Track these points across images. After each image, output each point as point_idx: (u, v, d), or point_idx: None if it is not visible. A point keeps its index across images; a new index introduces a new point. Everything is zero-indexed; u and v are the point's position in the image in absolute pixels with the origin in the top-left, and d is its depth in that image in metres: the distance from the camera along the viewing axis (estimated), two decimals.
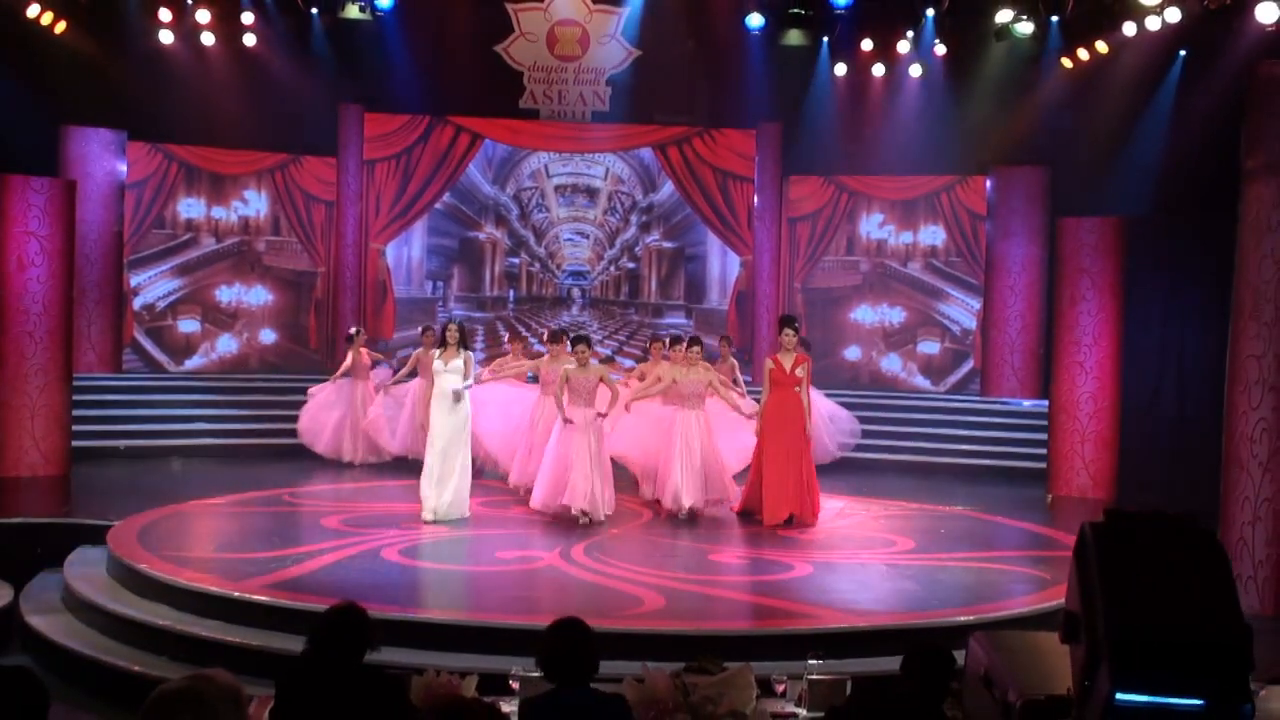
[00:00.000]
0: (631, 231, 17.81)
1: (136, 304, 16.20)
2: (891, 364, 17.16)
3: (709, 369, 11.42)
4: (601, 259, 17.82)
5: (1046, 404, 14.02)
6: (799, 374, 10.78)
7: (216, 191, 16.67)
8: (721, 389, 11.30)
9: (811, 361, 11.33)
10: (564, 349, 11.52)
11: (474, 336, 16.93)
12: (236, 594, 7.95)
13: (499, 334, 17.40)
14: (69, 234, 12.95)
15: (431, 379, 11.08)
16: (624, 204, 17.80)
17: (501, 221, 17.60)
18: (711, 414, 11.29)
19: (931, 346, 17.01)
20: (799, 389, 10.78)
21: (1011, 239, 16.24)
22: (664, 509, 11.08)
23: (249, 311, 16.78)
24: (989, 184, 16.57)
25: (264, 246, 16.87)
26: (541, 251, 17.74)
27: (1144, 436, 12.71)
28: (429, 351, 13.43)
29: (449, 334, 10.76)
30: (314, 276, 17.06)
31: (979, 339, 16.60)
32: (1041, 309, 15.79)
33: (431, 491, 10.43)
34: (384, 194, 17.07)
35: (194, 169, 16.52)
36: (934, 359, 17.00)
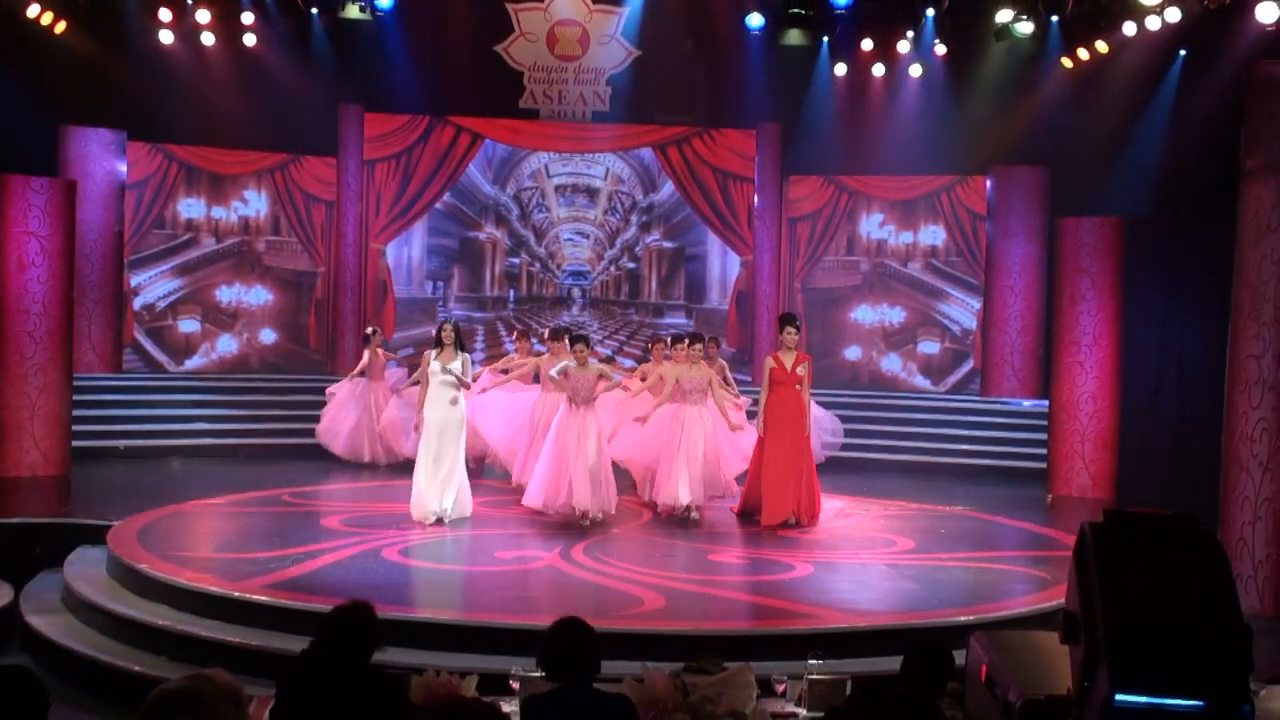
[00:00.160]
0: (631, 231, 17.81)
1: (136, 304, 16.20)
2: (891, 364, 17.16)
3: (715, 370, 11.31)
4: (602, 259, 17.82)
5: (1046, 404, 14.02)
6: (800, 373, 10.77)
7: (216, 191, 16.67)
8: (718, 390, 11.20)
9: (812, 360, 11.31)
10: (564, 347, 11.51)
11: (474, 337, 16.94)
12: (236, 594, 7.95)
13: (499, 334, 17.40)
14: (69, 234, 12.96)
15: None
16: (624, 204, 17.79)
17: (502, 221, 17.59)
18: (714, 412, 11.17)
19: (931, 346, 17.01)
20: (800, 388, 10.76)
21: (1011, 239, 16.24)
22: (662, 507, 10.89)
23: (249, 311, 16.77)
24: (989, 184, 16.57)
25: (264, 246, 16.87)
26: (542, 251, 17.73)
27: (1144, 436, 12.71)
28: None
29: (444, 334, 10.66)
30: (314, 276, 17.06)
31: (979, 339, 16.60)
32: (1041, 309, 15.78)
33: (434, 495, 10.32)
34: (384, 194, 17.06)
35: (194, 169, 16.52)
36: (934, 359, 17.00)
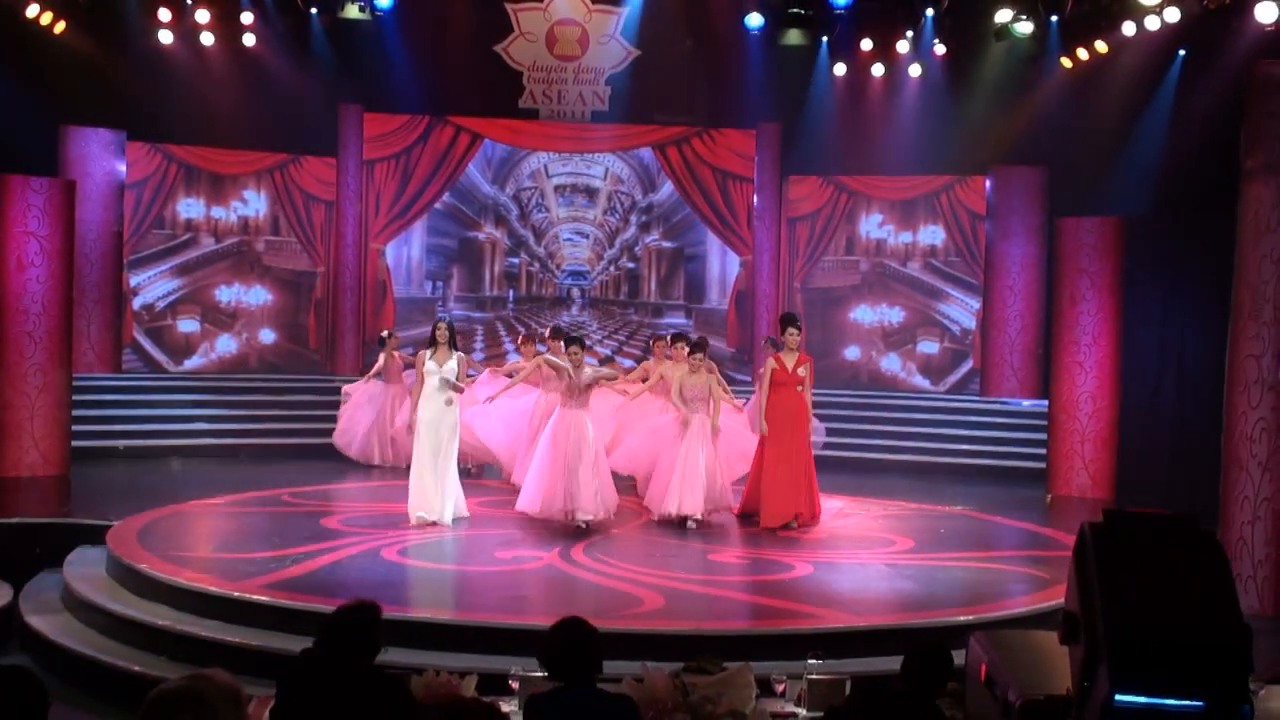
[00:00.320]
0: (631, 231, 17.80)
1: (136, 304, 16.20)
2: (891, 364, 17.16)
3: (713, 373, 11.10)
4: (601, 259, 17.81)
5: (1046, 404, 14.02)
6: (801, 373, 10.73)
7: (216, 191, 16.66)
8: (718, 390, 10.98)
9: (814, 362, 11.27)
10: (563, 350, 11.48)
11: (473, 337, 16.94)
12: (236, 594, 7.95)
13: (498, 334, 17.40)
14: (68, 234, 12.96)
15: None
16: (623, 204, 17.79)
17: (501, 221, 17.59)
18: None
19: (931, 346, 17.01)
20: (801, 389, 10.73)
21: (1011, 239, 16.23)
22: (659, 516, 10.66)
23: (248, 311, 16.77)
24: (988, 184, 16.57)
25: (263, 246, 16.86)
26: (541, 251, 17.73)
27: (1143, 436, 12.71)
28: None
29: (439, 333, 10.44)
30: (313, 276, 17.05)
31: (978, 339, 16.60)
32: (1041, 309, 15.78)
33: (434, 498, 10.23)
34: (383, 194, 17.06)
35: (193, 169, 16.51)
36: (933, 359, 17.00)
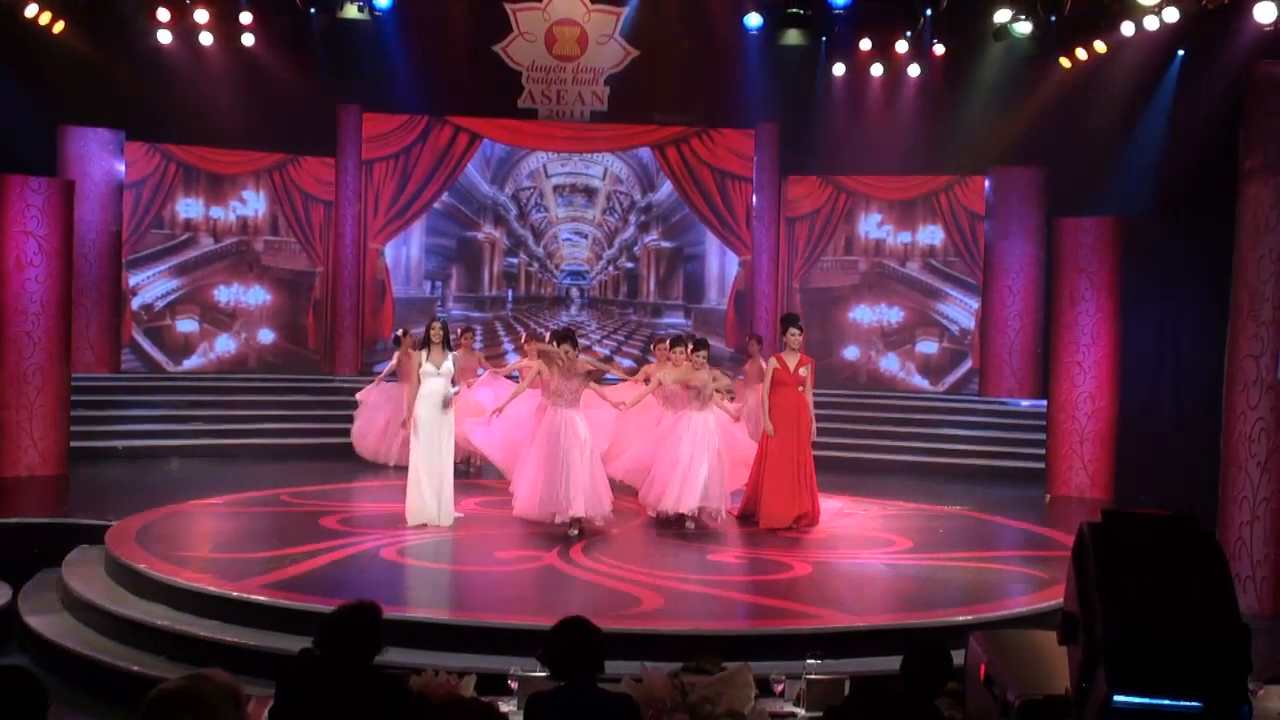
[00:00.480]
0: (630, 231, 17.81)
1: (135, 304, 16.20)
2: (890, 364, 17.16)
3: (717, 375, 10.92)
4: (600, 259, 17.82)
5: (1045, 404, 14.01)
6: (802, 374, 10.71)
7: (215, 191, 16.66)
8: (718, 399, 10.88)
9: (815, 363, 11.23)
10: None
11: (473, 337, 16.90)
12: (235, 594, 7.94)
13: (498, 334, 17.40)
14: (67, 234, 12.95)
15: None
16: (622, 204, 17.79)
17: (500, 221, 17.59)
18: (720, 419, 10.83)
19: (930, 346, 17.02)
20: (802, 389, 10.71)
21: (1010, 239, 16.24)
22: (657, 510, 10.57)
23: (247, 311, 16.77)
24: (987, 184, 16.57)
25: (262, 246, 16.86)
26: (540, 251, 17.73)
27: (1142, 436, 12.72)
28: (467, 353, 13.23)
29: (433, 333, 10.27)
30: (312, 276, 17.05)
31: (977, 339, 16.60)
32: (1040, 309, 15.77)
33: (431, 501, 10.18)
34: (382, 194, 17.06)
35: (192, 169, 16.51)
36: (932, 359, 17.00)
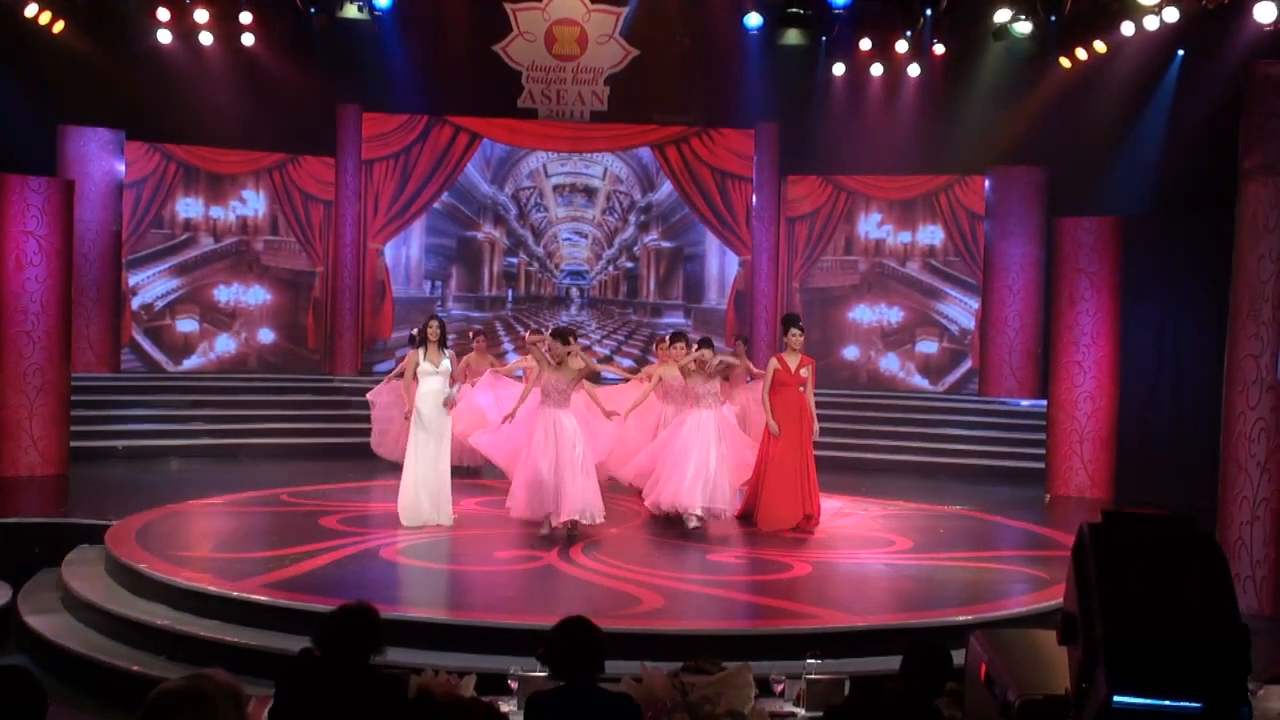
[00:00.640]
0: (630, 231, 17.81)
1: (135, 304, 16.20)
2: (890, 364, 17.16)
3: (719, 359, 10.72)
4: (600, 258, 17.82)
5: (1045, 404, 14.01)
6: (804, 374, 10.69)
7: (215, 191, 16.66)
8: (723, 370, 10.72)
9: (815, 363, 11.20)
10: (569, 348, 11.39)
11: (486, 340, 16.87)
12: (235, 594, 7.93)
13: (498, 334, 17.39)
14: (67, 234, 12.95)
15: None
16: (622, 203, 17.79)
17: (500, 221, 17.59)
18: (727, 421, 10.76)
19: (930, 346, 17.02)
20: (803, 389, 10.70)
21: (1010, 238, 16.23)
22: (661, 510, 10.49)
23: (247, 311, 16.77)
24: (987, 184, 16.57)
25: (262, 246, 16.86)
26: (540, 251, 17.73)
27: (1142, 436, 12.72)
28: (481, 355, 13.21)
29: (430, 331, 10.22)
30: (312, 276, 17.05)
31: (977, 339, 16.60)
32: (1040, 308, 15.77)
33: (425, 502, 10.16)
34: (382, 193, 17.06)
35: (192, 169, 16.51)
36: (932, 359, 17.00)
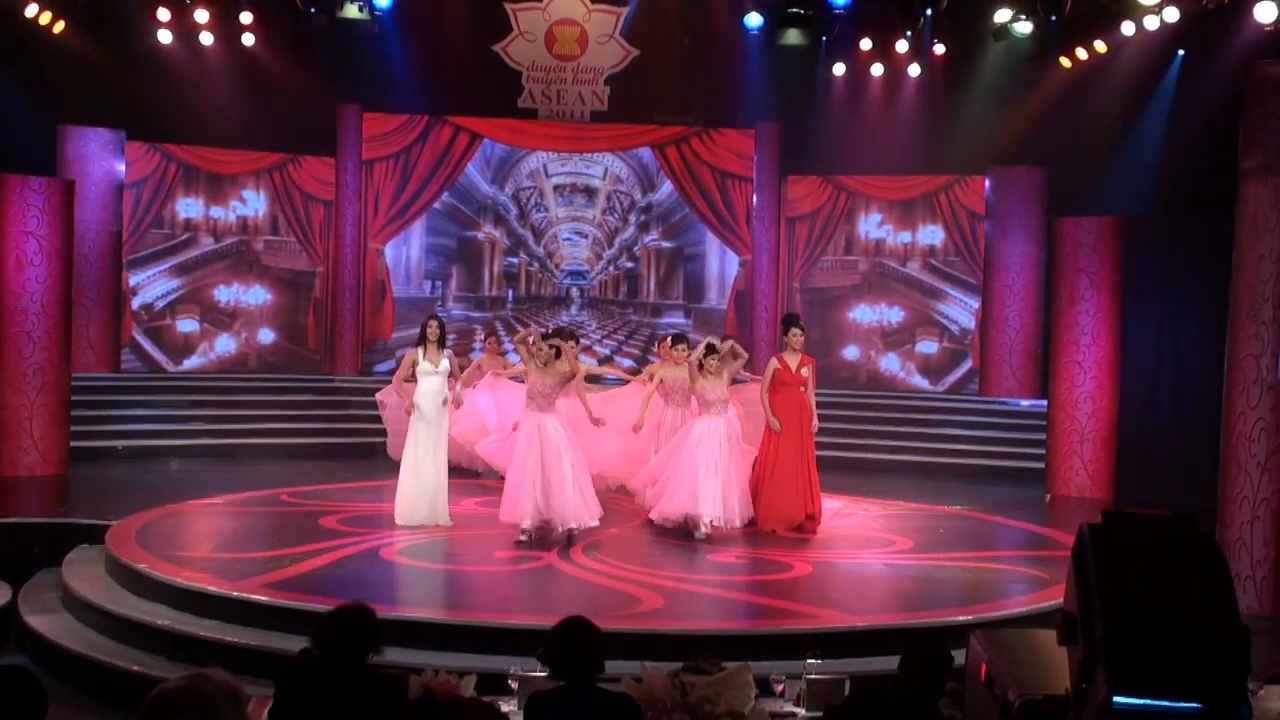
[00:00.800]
0: (630, 231, 17.81)
1: (135, 304, 16.20)
2: (890, 364, 17.16)
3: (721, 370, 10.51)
4: (600, 258, 17.82)
5: (1045, 404, 14.01)
6: (804, 374, 10.68)
7: (215, 191, 16.66)
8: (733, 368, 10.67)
9: (816, 363, 11.19)
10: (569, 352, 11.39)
11: (472, 337, 16.93)
12: (235, 594, 7.94)
13: (498, 334, 17.38)
14: (67, 234, 12.95)
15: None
16: (622, 203, 17.79)
17: (500, 221, 17.59)
18: (733, 426, 10.52)
19: (930, 346, 17.01)
20: (804, 389, 10.69)
21: (1010, 238, 16.23)
22: (670, 521, 10.14)
23: (247, 311, 16.77)
24: (987, 183, 16.57)
25: (262, 246, 16.86)
26: (540, 251, 17.73)
27: (1142, 436, 12.72)
28: (492, 357, 13.19)
29: (429, 331, 10.21)
30: (312, 276, 17.05)
31: (977, 338, 16.60)
32: (1040, 308, 15.77)
33: (422, 502, 10.15)
34: (382, 193, 17.06)
35: (192, 169, 16.51)
36: (932, 358, 17.00)
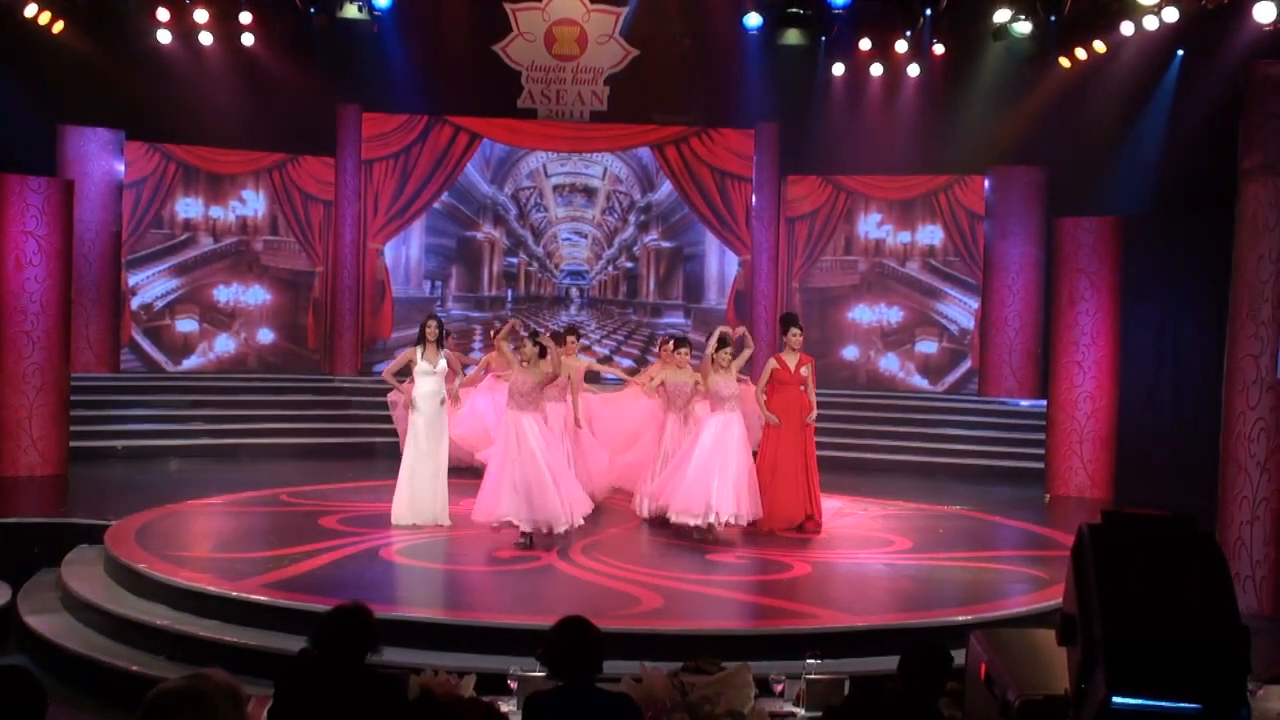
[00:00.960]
0: (630, 231, 17.80)
1: (134, 304, 16.20)
2: (889, 364, 17.16)
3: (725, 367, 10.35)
4: (600, 258, 17.82)
5: (1044, 404, 14.01)
6: (804, 373, 10.68)
7: (214, 191, 16.66)
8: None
9: (815, 362, 11.19)
10: (569, 347, 11.42)
11: (471, 337, 16.95)
12: (234, 594, 7.94)
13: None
14: (67, 234, 12.95)
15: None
16: (622, 203, 17.79)
17: (500, 221, 17.59)
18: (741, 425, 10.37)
19: (929, 346, 17.02)
20: (804, 389, 10.69)
21: (1009, 238, 16.23)
22: (684, 520, 9.98)
23: (247, 311, 16.77)
24: (987, 183, 16.57)
25: (262, 246, 16.86)
26: (540, 251, 17.73)
27: (1142, 436, 12.72)
28: (500, 355, 13.12)
29: (428, 331, 10.24)
30: (312, 276, 17.05)
31: (977, 338, 16.60)
32: (1039, 308, 15.77)
33: (420, 502, 10.17)
34: (382, 193, 17.06)
35: (192, 168, 16.51)
36: (932, 358, 17.00)
